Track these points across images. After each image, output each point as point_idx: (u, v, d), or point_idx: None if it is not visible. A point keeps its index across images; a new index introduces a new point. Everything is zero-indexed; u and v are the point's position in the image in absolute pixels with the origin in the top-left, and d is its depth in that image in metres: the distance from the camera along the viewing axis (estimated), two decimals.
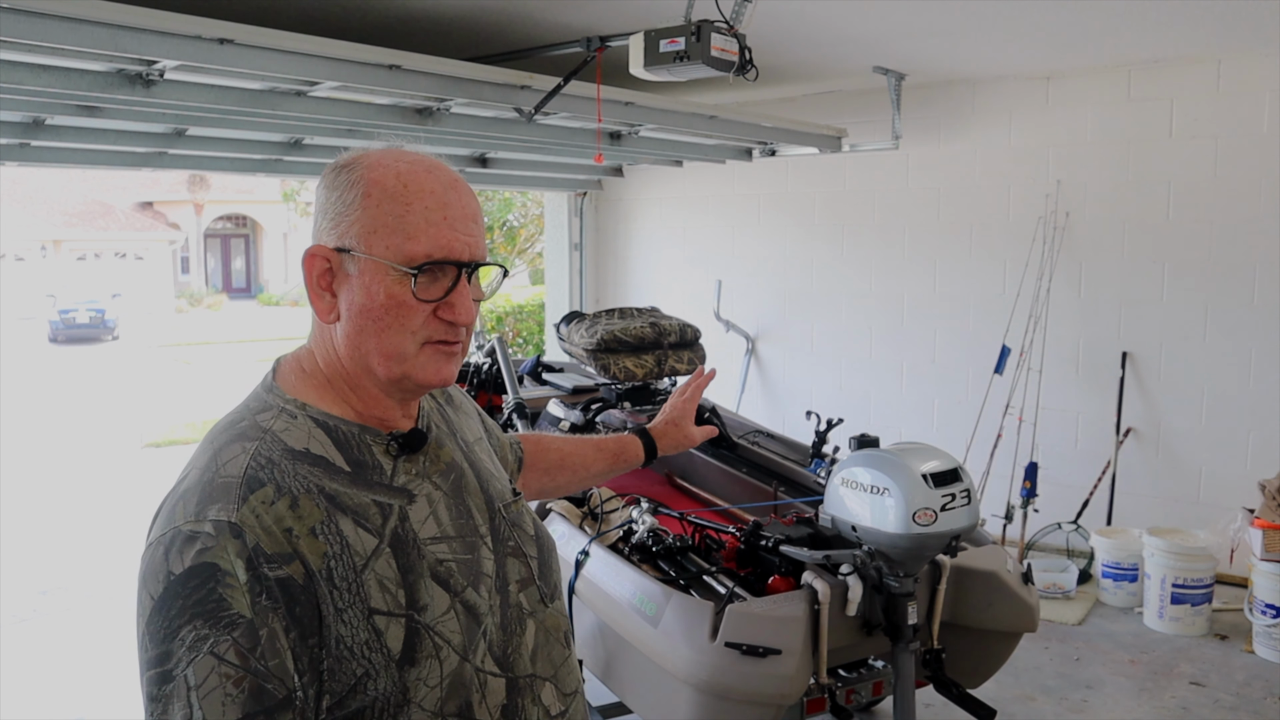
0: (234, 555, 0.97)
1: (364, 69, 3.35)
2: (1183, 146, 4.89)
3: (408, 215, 1.08)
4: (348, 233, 1.09)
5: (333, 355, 1.14)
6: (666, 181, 6.84)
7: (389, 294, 1.08)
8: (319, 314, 1.13)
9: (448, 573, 1.10)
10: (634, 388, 4.07)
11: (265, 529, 0.99)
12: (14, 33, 2.52)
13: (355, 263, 1.09)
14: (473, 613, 1.11)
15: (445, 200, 1.10)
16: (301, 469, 1.05)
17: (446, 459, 1.19)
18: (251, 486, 1.01)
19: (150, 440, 9.94)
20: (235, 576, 0.96)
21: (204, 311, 26.54)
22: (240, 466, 1.03)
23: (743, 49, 3.26)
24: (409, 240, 1.07)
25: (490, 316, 10.30)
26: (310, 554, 1.00)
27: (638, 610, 2.56)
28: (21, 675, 4.17)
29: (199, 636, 0.94)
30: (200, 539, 0.97)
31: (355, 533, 1.04)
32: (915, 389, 5.87)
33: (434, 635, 1.06)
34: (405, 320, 1.09)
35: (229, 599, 0.95)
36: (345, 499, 1.05)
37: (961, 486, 2.39)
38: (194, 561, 0.96)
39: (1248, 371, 4.80)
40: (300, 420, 1.10)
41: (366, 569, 1.03)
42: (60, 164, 4.42)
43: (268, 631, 0.96)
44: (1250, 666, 4.05)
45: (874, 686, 2.78)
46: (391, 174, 1.09)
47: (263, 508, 1.00)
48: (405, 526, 1.08)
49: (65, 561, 5.74)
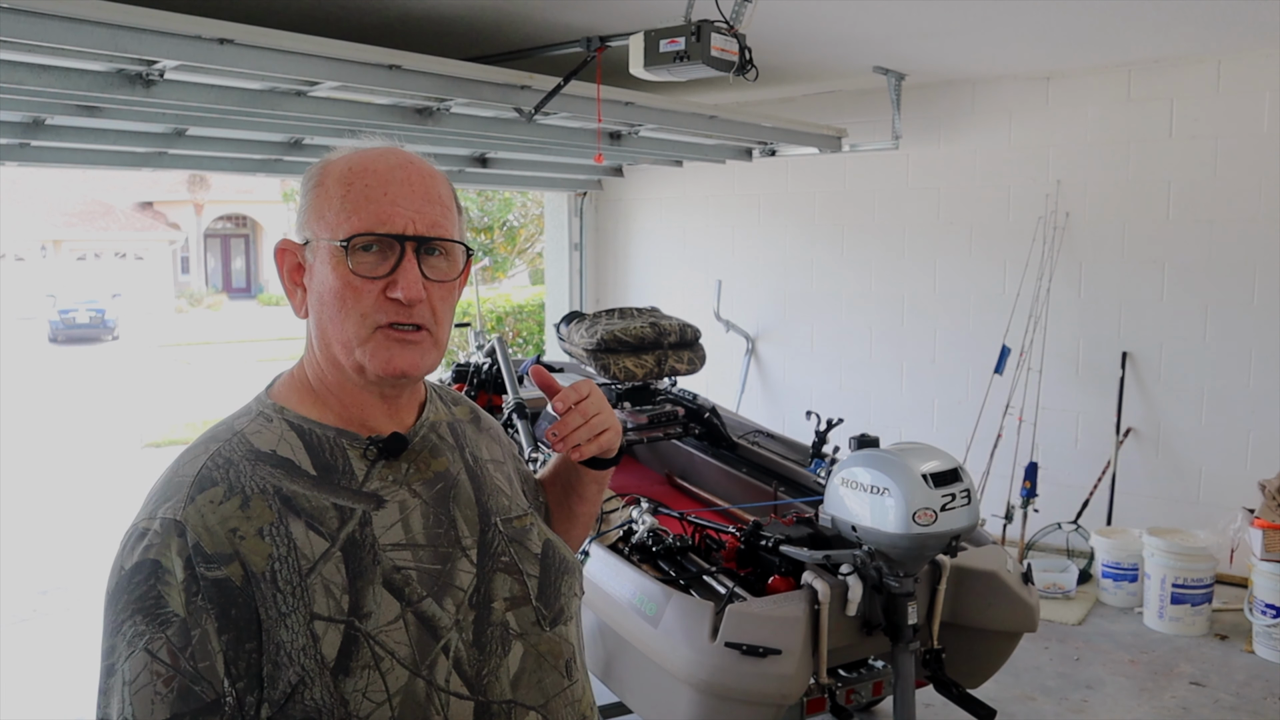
0: (175, 553, 0.97)
1: (364, 69, 3.35)
2: (1183, 146, 4.89)
3: (349, 194, 1.07)
4: (306, 224, 1.10)
5: (313, 357, 1.13)
6: (666, 181, 6.84)
7: (337, 275, 1.07)
8: (294, 309, 1.14)
9: (404, 580, 1.04)
10: (634, 388, 4.06)
11: (208, 528, 0.98)
12: (14, 33, 2.52)
13: (313, 251, 1.10)
14: (429, 625, 1.04)
15: (389, 178, 1.08)
16: (262, 470, 1.04)
17: (438, 468, 1.15)
18: (202, 485, 1.01)
19: (150, 440, 9.94)
20: (174, 574, 0.96)
21: (204, 311, 26.54)
22: (196, 466, 1.03)
23: (743, 49, 3.26)
24: (348, 218, 1.06)
25: (490, 316, 10.30)
26: (253, 555, 0.99)
27: (638, 610, 2.56)
28: (21, 675, 4.17)
29: (137, 632, 0.95)
30: (148, 535, 0.99)
31: (305, 535, 1.02)
32: (915, 389, 5.88)
33: (374, 644, 1.00)
34: (355, 302, 1.07)
35: (166, 596, 0.96)
36: (302, 501, 1.03)
37: (961, 486, 2.39)
38: (140, 557, 0.98)
39: (1248, 371, 4.80)
40: (275, 423, 1.09)
41: (313, 573, 1.00)
42: (60, 164, 4.42)
43: (200, 632, 0.95)
44: (1250, 666, 4.05)
45: (874, 686, 2.78)
46: (343, 163, 1.10)
47: (209, 507, 1.00)
48: (365, 531, 1.05)
49: (65, 561, 5.74)
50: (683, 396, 4.17)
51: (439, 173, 1.14)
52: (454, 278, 1.13)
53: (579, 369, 4.79)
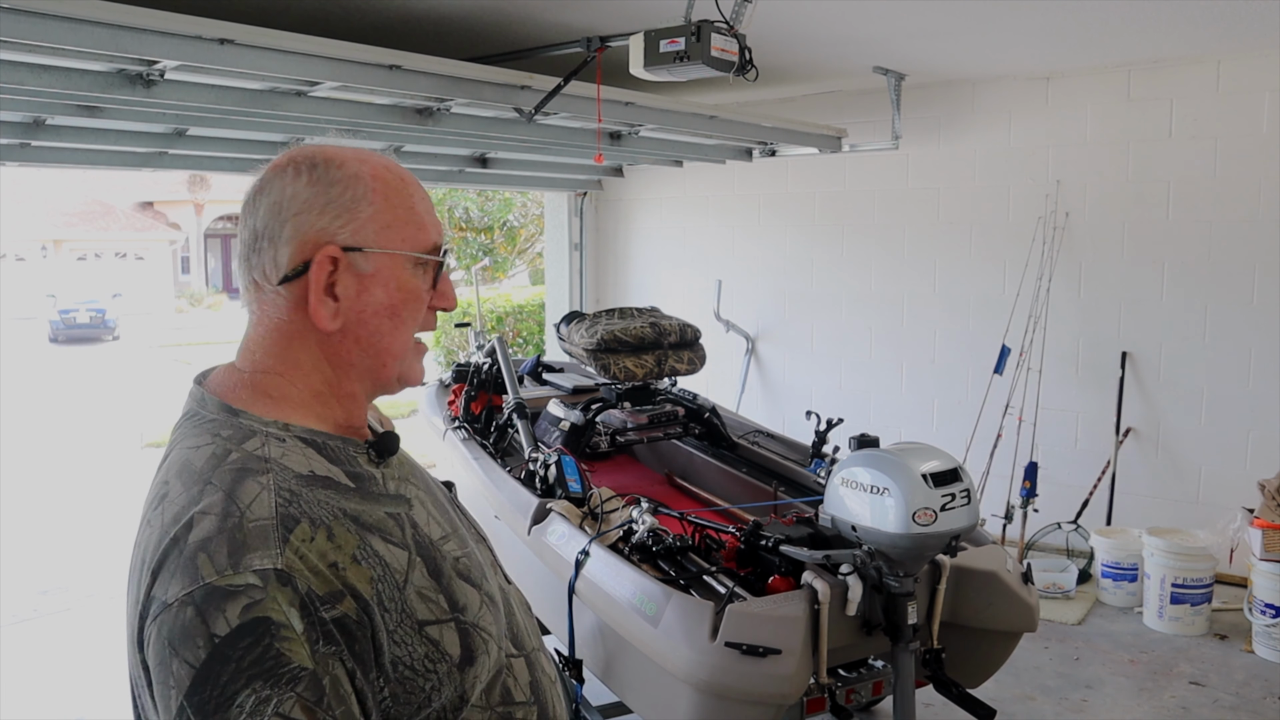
0: (286, 605, 0.89)
1: (364, 69, 3.35)
2: (1183, 146, 4.89)
3: (415, 206, 1.09)
4: (360, 230, 1.04)
5: (323, 367, 1.07)
6: (666, 181, 6.84)
7: (405, 287, 1.07)
8: (320, 321, 1.04)
9: (466, 569, 1.09)
10: (634, 388, 4.07)
11: (313, 569, 0.92)
12: (14, 33, 2.52)
13: (369, 260, 1.04)
14: (494, 602, 1.11)
15: (418, 190, 1.11)
16: (319, 494, 0.99)
17: (403, 458, 1.16)
18: (288, 526, 0.94)
19: (150, 440, 9.94)
20: (291, 628, 0.89)
21: (204, 311, 26.54)
22: (269, 506, 0.94)
23: (743, 49, 3.26)
24: (421, 230, 1.08)
25: (490, 316, 10.30)
26: (359, 583, 0.95)
27: (638, 610, 2.56)
28: (21, 675, 4.18)
29: (260, 699, 0.86)
30: (244, 592, 0.89)
31: (387, 550, 1.00)
32: (915, 389, 5.88)
33: (480, 631, 1.06)
34: (415, 314, 1.10)
35: (287, 653, 0.88)
36: (366, 517, 1.01)
37: (961, 486, 2.39)
38: (243, 619, 0.88)
39: (1248, 371, 4.80)
40: (290, 443, 1.02)
41: (407, 584, 0.99)
42: (60, 164, 4.41)
43: (330, 680, 0.90)
44: (1250, 666, 4.05)
45: (874, 686, 2.78)
46: (383, 168, 1.08)
47: (305, 546, 0.93)
48: (420, 533, 1.06)
49: (65, 561, 5.74)
50: (683, 396, 4.17)
51: None
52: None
53: (579, 369, 4.79)
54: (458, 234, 13.61)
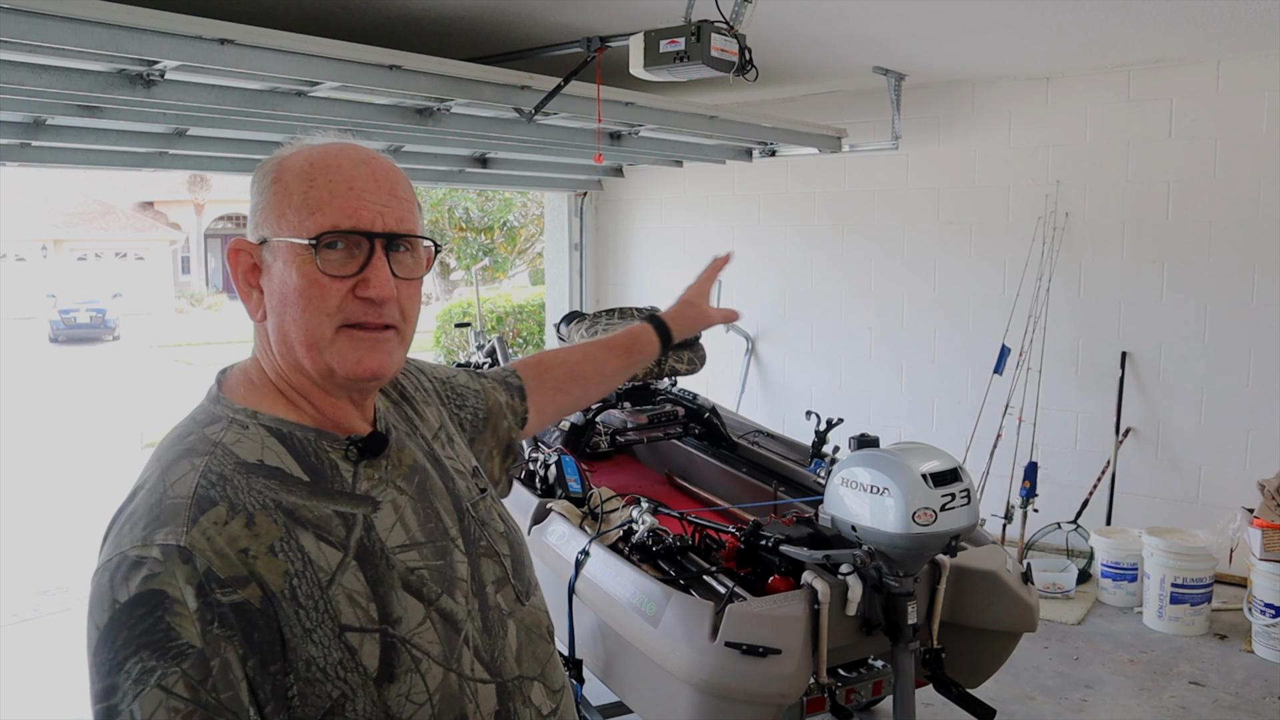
0: (183, 581, 0.91)
1: (364, 69, 3.35)
2: (1182, 146, 4.89)
3: (311, 191, 1.04)
4: (263, 223, 1.06)
5: (272, 359, 1.09)
6: (666, 182, 6.84)
7: (301, 274, 1.03)
8: (249, 312, 1.09)
9: (420, 581, 1.05)
10: (634, 388, 4.07)
11: (218, 551, 0.93)
12: (14, 33, 2.52)
13: (271, 251, 1.05)
14: (450, 620, 1.06)
15: (353, 174, 1.05)
16: (256, 483, 1.00)
17: (409, 461, 1.14)
18: (202, 506, 0.96)
19: (150, 440, 9.94)
20: (184, 604, 0.91)
21: (204, 312, 26.55)
22: (190, 485, 0.97)
23: (743, 49, 3.26)
24: (312, 214, 1.03)
25: (490, 316, 10.30)
26: (269, 574, 0.95)
27: (638, 610, 2.56)
28: (21, 675, 4.18)
29: (145, 669, 0.89)
30: (147, 564, 0.92)
31: (317, 547, 0.99)
32: (915, 389, 5.88)
33: (411, 648, 1.01)
34: (320, 301, 1.03)
35: (177, 628, 0.90)
36: (304, 512, 1.00)
37: (961, 486, 2.39)
38: (140, 589, 0.91)
39: (1247, 371, 4.80)
40: (252, 430, 1.04)
41: (333, 584, 0.98)
42: (60, 164, 4.41)
43: (220, 662, 0.91)
44: (1249, 666, 4.06)
45: (874, 686, 2.79)
46: (301, 159, 1.07)
47: (215, 529, 0.95)
48: (371, 536, 1.03)
49: (65, 561, 5.74)
50: (683, 396, 4.17)
51: (399, 168, 1.12)
52: (421, 275, 1.12)
53: None
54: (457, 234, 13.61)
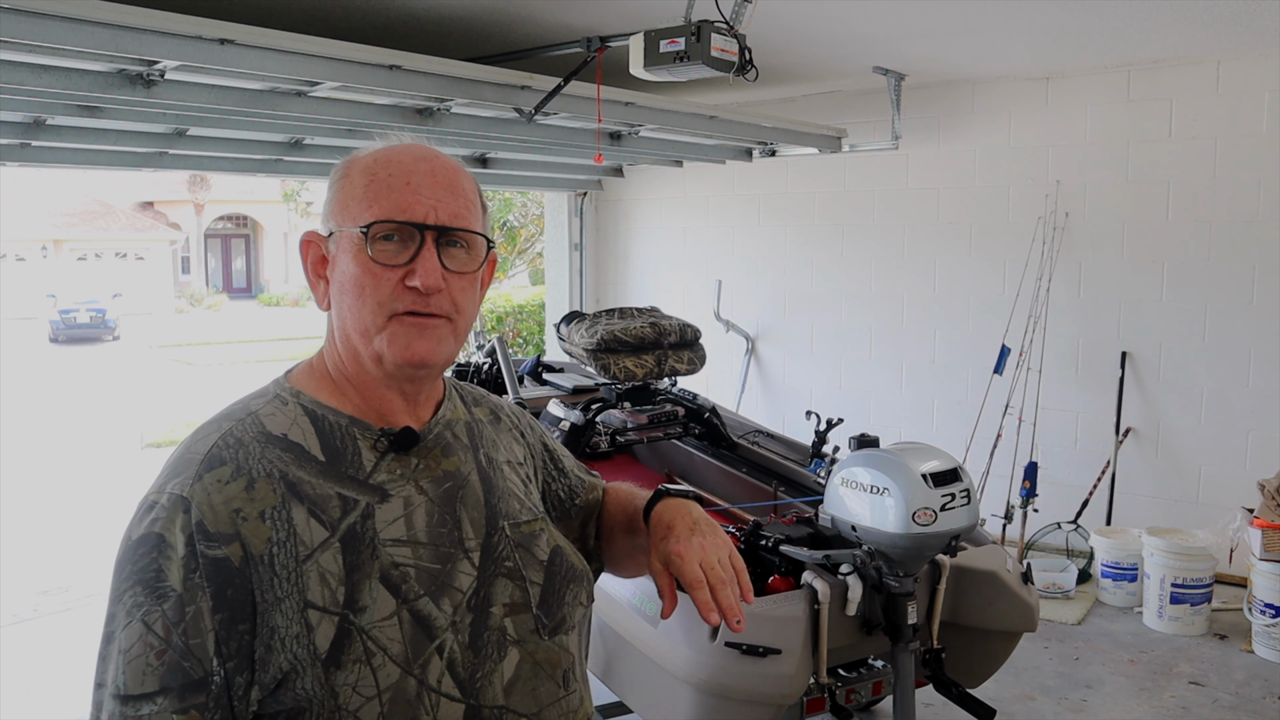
0: (178, 529, 0.99)
1: (364, 69, 3.35)
2: (1182, 146, 4.89)
3: (371, 184, 1.09)
4: (331, 215, 1.12)
5: (333, 348, 1.14)
6: (666, 182, 6.84)
7: (357, 263, 1.08)
8: (317, 301, 1.16)
9: (401, 577, 1.05)
10: (634, 388, 4.07)
11: (212, 506, 1.00)
12: (14, 33, 2.52)
13: (335, 242, 1.11)
14: (424, 624, 1.04)
15: (412, 169, 1.10)
16: (271, 453, 1.05)
17: (449, 467, 1.15)
18: (211, 464, 1.03)
19: (150, 440, 9.95)
20: (175, 549, 0.98)
21: (204, 312, 26.55)
22: (208, 445, 1.05)
23: (743, 49, 3.26)
24: (369, 206, 1.08)
25: (490, 316, 10.30)
26: (253, 538, 1.00)
27: (638, 610, 2.57)
28: (21, 675, 4.18)
29: (136, 603, 0.97)
30: (155, 509, 1.01)
31: (306, 522, 1.03)
32: (915, 389, 5.88)
33: (367, 639, 1.01)
34: (373, 290, 1.07)
35: (166, 571, 0.97)
36: (306, 488, 1.04)
37: (961, 486, 2.39)
38: (146, 530, 1.00)
39: (1247, 371, 4.81)
40: (290, 407, 1.11)
41: (309, 560, 1.01)
42: (60, 164, 4.41)
43: (194, 610, 0.97)
44: (1249, 666, 4.06)
45: (874, 686, 2.78)
46: (369, 156, 1.12)
47: (215, 486, 1.01)
48: (366, 524, 1.05)
49: (65, 561, 5.75)
50: (683, 396, 4.17)
51: (463, 167, 1.15)
52: (474, 269, 1.13)
53: (579, 369, 4.79)
54: None
